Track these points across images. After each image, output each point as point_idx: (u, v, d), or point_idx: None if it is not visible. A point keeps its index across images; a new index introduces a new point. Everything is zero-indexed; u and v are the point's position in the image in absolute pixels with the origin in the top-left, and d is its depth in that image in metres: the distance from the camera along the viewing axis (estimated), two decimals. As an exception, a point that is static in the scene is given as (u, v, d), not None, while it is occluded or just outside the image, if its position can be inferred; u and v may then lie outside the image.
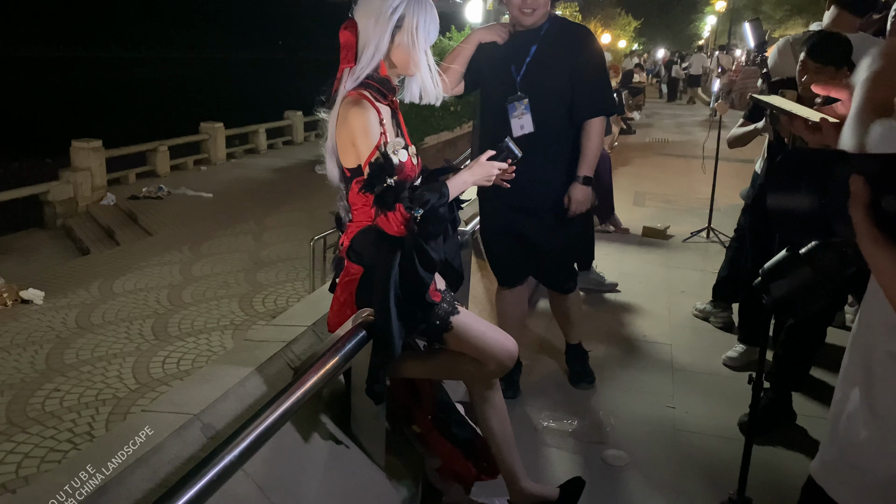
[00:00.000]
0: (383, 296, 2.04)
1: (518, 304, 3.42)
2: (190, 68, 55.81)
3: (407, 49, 2.02)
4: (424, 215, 1.99)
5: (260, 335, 2.46)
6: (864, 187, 0.71)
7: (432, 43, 2.08)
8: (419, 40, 2.02)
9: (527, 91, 2.96)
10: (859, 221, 0.71)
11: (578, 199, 3.07)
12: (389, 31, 2.00)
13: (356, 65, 2.03)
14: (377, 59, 2.03)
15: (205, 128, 15.65)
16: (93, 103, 31.70)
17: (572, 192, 3.06)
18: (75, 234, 10.78)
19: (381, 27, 1.99)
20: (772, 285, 1.29)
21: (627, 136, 13.71)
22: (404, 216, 1.98)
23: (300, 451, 2.12)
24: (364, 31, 2.01)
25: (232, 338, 6.02)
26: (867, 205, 0.70)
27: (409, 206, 1.97)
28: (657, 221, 6.48)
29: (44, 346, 5.87)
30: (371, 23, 2.00)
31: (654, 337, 4.13)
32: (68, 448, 4.36)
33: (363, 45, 2.02)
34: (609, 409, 3.26)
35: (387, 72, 2.07)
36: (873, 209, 0.70)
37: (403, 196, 1.98)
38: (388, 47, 2.02)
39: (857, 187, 0.71)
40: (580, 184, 3.06)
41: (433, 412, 2.48)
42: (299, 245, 7.90)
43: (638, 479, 2.78)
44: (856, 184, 0.71)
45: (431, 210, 2.01)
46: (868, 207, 0.70)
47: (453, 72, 3.01)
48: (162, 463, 1.65)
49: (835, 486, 1.07)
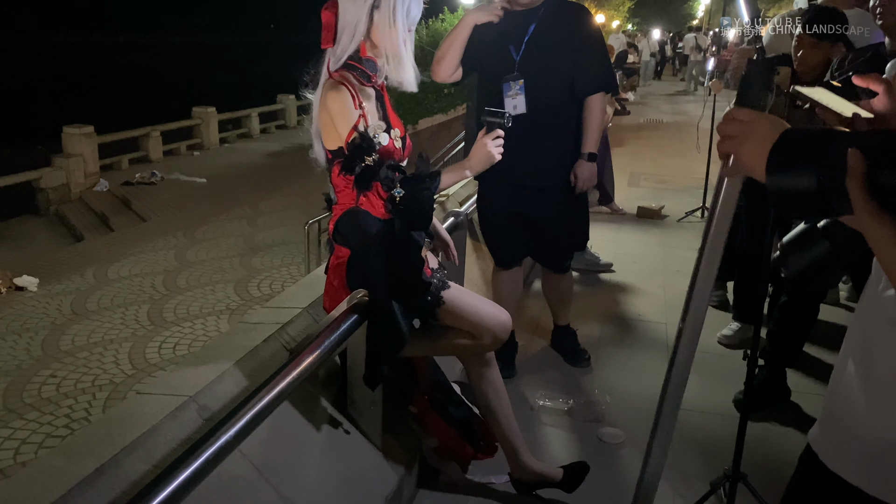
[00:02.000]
0: (379, 282, 2.04)
1: (514, 284, 3.42)
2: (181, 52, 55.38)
3: (385, 30, 1.99)
4: (405, 199, 1.98)
5: (255, 317, 2.46)
6: (862, 161, 0.72)
7: (415, 22, 2.05)
8: (397, 20, 1.99)
9: (526, 70, 2.96)
10: (856, 195, 0.72)
11: (585, 176, 3.07)
12: (367, 11, 1.97)
13: (336, 45, 2.01)
14: (357, 40, 2.01)
15: (197, 112, 15.57)
16: (84, 89, 31.46)
17: (578, 170, 3.06)
18: (69, 220, 10.75)
19: (359, 6, 1.97)
20: (790, 258, 1.29)
21: (622, 117, 13.68)
22: (382, 196, 1.97)
23: (297, 432, 2.13)
24: (343, 11, 1.99)
25: (228, 322, 6.02)
26: (864, 178, 0.71)
27: (387, 186, 1.96)
28: (652, 201, 6.48)
29: (39, 333, 5.86)
30: (350, 2, 1.98)
31: (649, 316, 4.14)
32: (65, 433, 4.37)
33: (343, 25, 2.00)
34: (605, 388, 3.28)
35: (367, 53, 2.05)
36: (870, 183, 0.71)
37: (383, 175, 1.97)
38: (368, 27, 2.00)
39: (855, 161, 0.72)
40: (585, 161, 3.06)
41: (430, 392, 2.49)
42: (294, 229, 7.90)
43: (634, 456, 2.79)
44: (853, 158, 0.72)
45: (413, 193, 1.98)
46: (865, 181, 0.71)
47: (449, 59, 3.00)
48: (158, 445, 1.65)
49: (830, 454, 1.08)
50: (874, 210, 0.70)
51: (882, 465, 0.98)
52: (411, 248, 2.07)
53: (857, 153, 0.72)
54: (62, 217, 11.00)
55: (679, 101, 17.47)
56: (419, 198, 2.00)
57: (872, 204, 0.71)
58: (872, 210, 0.70)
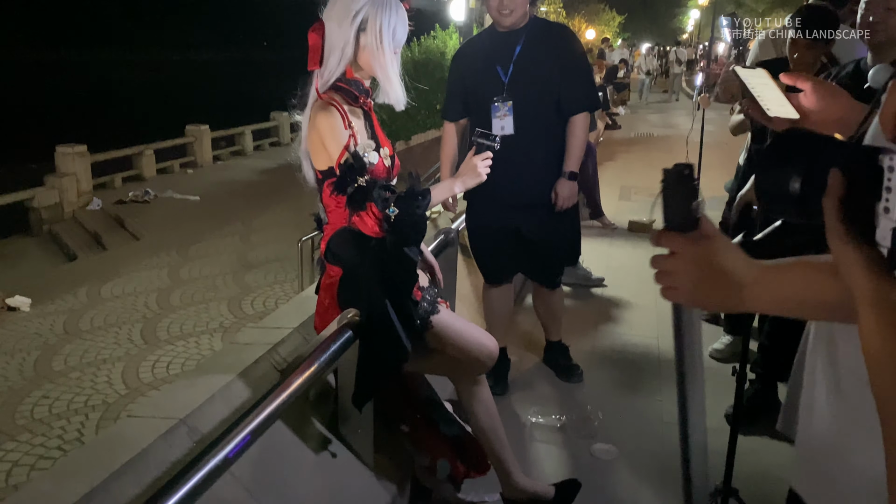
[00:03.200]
0: (378, 299, 2.05)
1: (505, 301, 3.44)
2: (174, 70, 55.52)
3: (372, 51, 2.01)
4: (400, 217, 1.99)
5: (246, 338, 2.46)
6: (840, 183, 0.71)
7: (400, 44, 2.07)
8: (384, 42, 2.01)
9: (514, 90, 3.00)
10: (829, 215, 0.72)
11: (564, 194, 3.10)
12: (353, 34, 1.99)
13: (323, 67, 2.03)
14: (344, 62, 2.03)
15: (190, 130, 15.56)
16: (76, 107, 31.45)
17: (558, 188, 3.09)
18: (62, 239, 10.72)
19: (345, 30, 1.99)
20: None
21: (613, 132, 13.75)
22: (377, 216, 1.98)
23: (288, 453, 2.13)
24: (330, 33, 2.01)
25: (221, 340, 6.00)
26: (840, 200, 0.71)
27: (381, 205, 1.98)
28: (643, 215, 6.51)
29: (31, 353, 5.83)
30: (335, 25, 2.00)
31: (641, 331, 4.15)
32: (58, 455, 4.34)
33: (329, 48, 2.02)
34: (597, 404, 3.28)
35: (353, 74, 2.07)
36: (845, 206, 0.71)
37: (376, 196, 1.98)
38: (354, 50, 2.02)
39: (834, 182, 0.72)
40: (566, 179, 3.09)
41: (422, 410, 2.49)
42: (287, 246, 7.87)
43: (627, 472, 2.80)
44: (833, 178, 0.72)
45: (407, 211, 2.00)
46: (840, 203, 0.71)
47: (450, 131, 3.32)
48: (148, 468, 1.65)
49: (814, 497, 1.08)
50: (843, 234, 0.71)
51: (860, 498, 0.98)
52: (406, 263, 2.08)
53: (836, 173, 0.72)
54: (55, 236, 10.96)
55: (668, 115, 17.56)
56: (413, 215, 2.02)
57: (842, 227, 0.71)
58: (842, 233, 0.71)
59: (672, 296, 0.99)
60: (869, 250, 0.69)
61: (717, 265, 0.91)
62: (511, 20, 2.97)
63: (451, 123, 3.31)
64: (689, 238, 0.93)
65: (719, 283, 0.93)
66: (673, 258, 0.95)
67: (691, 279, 0.94)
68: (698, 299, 0.96)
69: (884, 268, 0.67)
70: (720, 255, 0.91)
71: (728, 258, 0.92)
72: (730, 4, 28.63)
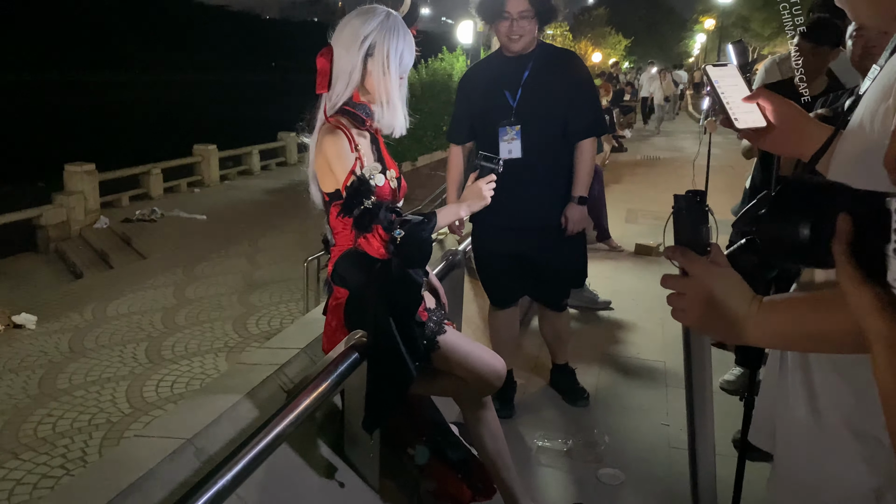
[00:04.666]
0: (381, 321, 2.05)
1: (511, 323, 3.43)
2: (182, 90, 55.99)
3: (378, 77, 2.03)
4: (405, 240, 1.99)
5: (252, 358, 2.46)
6: (849, 227, 0.72)
7: (407, 70, 2.09)
8: (391, 68, 2.03)
9: (523, 114, 3.01)
10: (839, 259, 0.73)
11: (575, 218, 3.11)
12: (361, 59, 2.01)
13: (331, 91, 2.05)
14: (351, 87, 2.04)
15: (198, 150, 15.65)
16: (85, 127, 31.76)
17: (568, 213, 3.10)
18: (68, 257, 10.75)
19: (353, 55, 2.00)
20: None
21: (619, 154, 13.79)
22: (383, 238, 1.99)
23: (294, 475, 2.12)
24: (338, 58, 2.03)
25: (226, 360, 6.00)
26: (849, 244, 0.72)
27: (387, 228, 1.98)
28: (649, 238, 6.51)
29: (36, 371, 5.83)
30: (343, 51, 2.02)
31: (647, 354, 4.14)
32: (61, 474, 4.33)
33: (337, 72, 2.04)
34: (603, 428, 3.26)
35: (360, 98, 2.09)
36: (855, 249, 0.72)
37: (382, 218, 1.99)
38: (362, 75, 2.04)
39: (843, 226, 0.73)
40: (576, 204, 3.10)
41: (428, 434, 2.48)
42: (293, 266, 7.89)
43: (633, 497, 2.78)
44: (842, 222, 0.73)
45: (412, 234, 2.00)
46: (849, 247, 0.72)
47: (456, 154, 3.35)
48: (154, 488, 1.65)
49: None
50: (854, 276, 0.72)
51: None
52: (411, 286, 2.09)
53: (845, 217, 0.73)
54: (62, 254, 11.00)
55: (674, 138, 17.60)
56: (419, 238, 2.03)
57: (853, 270, 0.72)
58: (853, 276, 0.72)
59: (681, 318, 0.99)
60: (881, 292, 0.70)
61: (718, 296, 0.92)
62: (520, 45, 2.99)
63: (457, 146, 3.33)
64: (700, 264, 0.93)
65: (722, 313, 0.94)
66: (684, 280, 0.95)
67: (700, 304, 0.94)
68: (705, 326, 0.96)
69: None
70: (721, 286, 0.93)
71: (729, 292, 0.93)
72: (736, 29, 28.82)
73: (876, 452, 0.90)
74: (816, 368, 1.01)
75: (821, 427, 0.99)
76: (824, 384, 0.99)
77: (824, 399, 0.99)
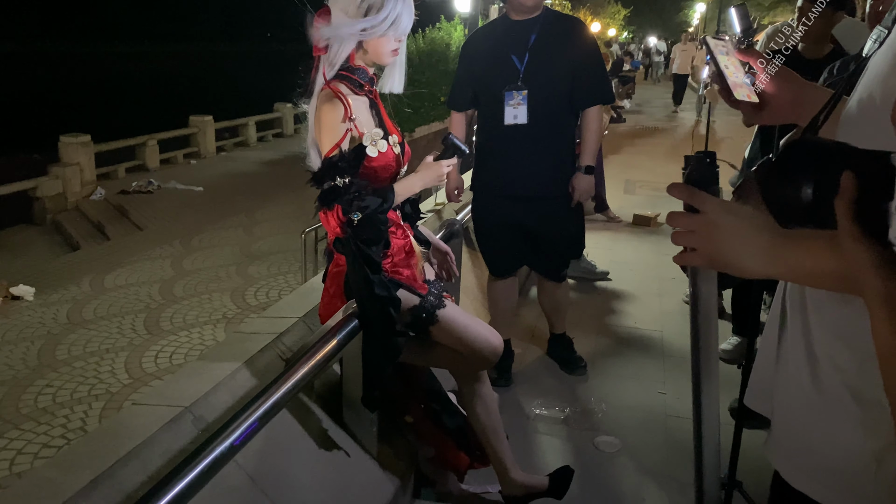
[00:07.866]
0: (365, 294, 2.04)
1: (509, 293, 3.43)
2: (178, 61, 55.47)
3: (377, 39, 2.01)
4: (362, 221, 1.97)
5: (251, 327, 2.46)
6: (853, 184, 0.71)
7: (406, 33, 2.06)
8: (388, 31, 2.00)
9: (529, 79, 2.97)
10: (842, 217, 0.72)
11: (582, 187, 3.09)
12: (359, 21, 1.98)
13: (328, 52, 2.03)
14: (348, 48, 2.02)
15: (194, 121, 15.56)
16: (81, 98, 31.48)
17: (576, 182, 3.08)
18: (65, 229, 10.73)
19: (351, 16, 1.97)
20: None
21: (617, 125, 13.72)
22: (340, 219, 1.96)
23: (292, 442, 2.13)
24: (335, 18, 2.00)
25: (224, 331, 6.01)
26: (852, 201, 0.71)
27: (346, 209, 1.96)
28: (647, 209, 6.50)
29: (35, 343, 5.85)
30: (341, 11, 1.99)
31: (644, 324, 4.15)
32: (61, 444, 4.35)
33: (334, 33, 2.00)
34: (600, 396, 3.28)
35: (356, 61, 2.06)
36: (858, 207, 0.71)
37: (346, 198, 1.96)
38: (360, 36, 2.00)
39: (847, 183, 0.72)
40: (583, 173, 3.08)
41: (425, 401, 2.49)
42: (290, 237, 7.89)
43: (630, 464, 2.80)
44: (846, 180, 0.72)
45: (370, 216, 1.98)
46: (853, 204, 0.71)
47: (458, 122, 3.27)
48: (153, 456, 1.65)
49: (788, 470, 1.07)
50: (856, 234, 0.71)
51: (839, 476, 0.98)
52: (371, 266, 2.04)
53: (849, 175, 0.72)
54: (58, 226, 10.98)
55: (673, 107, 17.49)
56: (374, 220, 2.00)
57: (855, 228, 0.71)
58: (855, 234, 0.71)
59: (690, 259, 0.96)
60: (882, 250, 0.69)
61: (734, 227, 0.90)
62: (533, 1, 2.96)
63: (458, 113, 3.29)
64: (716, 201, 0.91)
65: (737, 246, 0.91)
66: (693, 217, 0.94)
67: (712, 239, 0.92)
68: (718, 261, 0.94)
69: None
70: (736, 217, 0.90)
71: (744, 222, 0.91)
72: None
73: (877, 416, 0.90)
74: (818, 335, 1.00)
75: (820, 391, 0.99)
76: (826, 350, 0.99)
77: (825, 364, 0.98)
